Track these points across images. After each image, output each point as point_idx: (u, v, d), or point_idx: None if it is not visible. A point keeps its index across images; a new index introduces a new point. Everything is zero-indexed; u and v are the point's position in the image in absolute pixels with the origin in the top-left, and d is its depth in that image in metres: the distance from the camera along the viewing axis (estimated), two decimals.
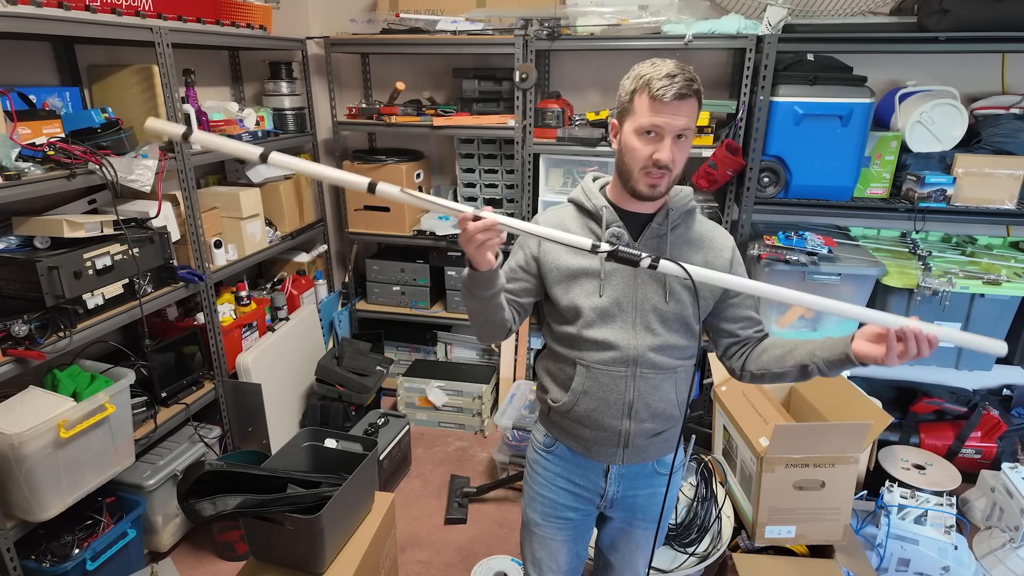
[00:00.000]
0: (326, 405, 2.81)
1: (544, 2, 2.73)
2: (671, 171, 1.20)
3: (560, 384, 1.37)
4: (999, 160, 2.42)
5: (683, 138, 1.19)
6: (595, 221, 1.29)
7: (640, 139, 1.19)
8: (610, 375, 1.29)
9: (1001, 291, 2.30)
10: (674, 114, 1.15)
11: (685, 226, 1.31)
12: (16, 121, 1.77)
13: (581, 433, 1.35)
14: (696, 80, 1.17)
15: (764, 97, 2.45)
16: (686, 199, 1.31)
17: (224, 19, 2.48)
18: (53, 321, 1.81)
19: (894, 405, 2.83)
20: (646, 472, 1.40)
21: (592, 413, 1.31)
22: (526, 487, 1.50)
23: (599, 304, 1.27)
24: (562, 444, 1.40)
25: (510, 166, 3.04)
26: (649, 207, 1.28)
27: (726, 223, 2.76)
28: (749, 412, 2.15)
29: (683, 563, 1.88)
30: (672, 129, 1.16)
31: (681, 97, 1.14)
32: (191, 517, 1.56)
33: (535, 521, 1.47)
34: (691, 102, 1.16)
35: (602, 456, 1.36)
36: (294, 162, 1.14)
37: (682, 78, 1.14)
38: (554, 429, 1.41)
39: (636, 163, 1.20)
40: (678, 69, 1.16)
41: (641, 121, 1.18)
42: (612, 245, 1.17)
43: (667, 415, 1.33)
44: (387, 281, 3.32)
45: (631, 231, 1.28)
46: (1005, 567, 2.10)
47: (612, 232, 1.27)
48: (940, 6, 2.23)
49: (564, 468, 1.41)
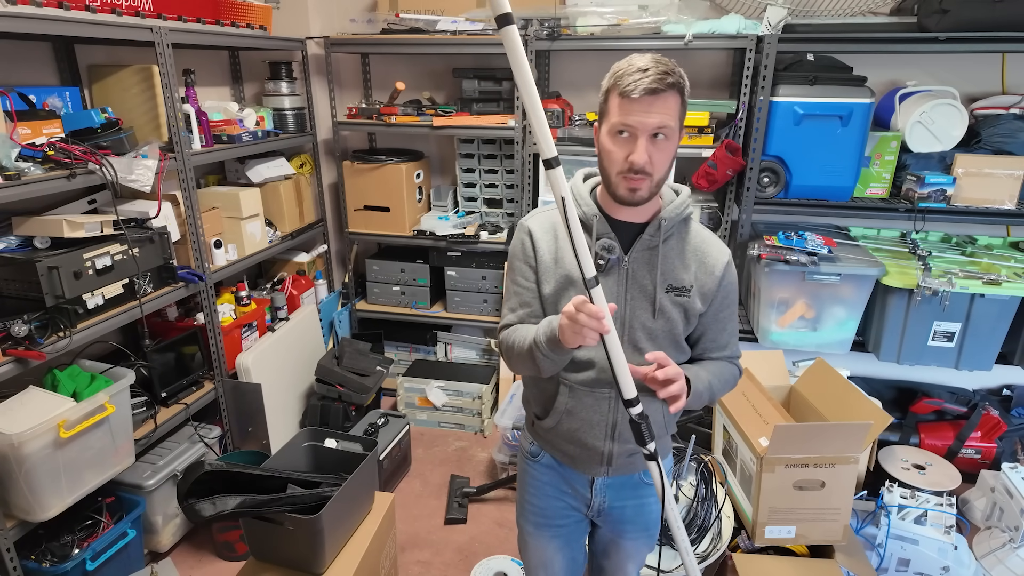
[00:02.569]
0: (326, 405, 2.81)
1: (544, 2, 2.73)
2: (650, 174, 1.11)
3: (543, 402, 1.33)
4: (999, 160, 2.42)
5: (662, 137, 1.09)
6: (585, 230, 1.19)
7: (614, 141, 1.11)
8: (594, 396, 1.25)
9: (1001, 291, 2.30)
10: (646, 111, 1.06)
11: (678, 237, 1.23)
12: (16, 121, 1.77)
13: (565, 448, 1.33)
14: (673, 73, 1.07)
15: (764, 97, 2.45)
16: (680, 207, 1.22)
17: (224, 19, 2.48)
18: (53, 321, 1.80)
19: (894, 405, 2.84)
20: (632, 483, 1.37)
21: (575, 433, 1.28)
22: (518, 496, 1.49)
23: None
24: (547, 454, 1.38)
25: (510, 166, 3.04)
26: (640, 216, 1.20)
27: (726, 223, 2.77)
28: (749, 412, 2.15)
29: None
30: (645, 128, 1.07)
31: (653, 92, 1.05)
32: (191, 517, 1.55)
33: (528, 531, 1.47)
34: (667, 97, 1.07)
35: (586, 470, 1.34)
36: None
37: (655, 72, 1.05)
38: (539, 440, 1.39)
39: (613, 167, 1.13)
40: (652, 63, 1.07)
41: (614, 121, 1.10)
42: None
43: (655, 436, 1.30)
44: (387, 281, 3.32)
45: (622, 242, 1.21)
46: (1005, 567, 2.10)
47: (603, 244, 1.19)
48: (940, 6, 2.23)
49: (551, 477, 1.39)
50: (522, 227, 1.29)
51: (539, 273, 1.25)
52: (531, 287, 1.27)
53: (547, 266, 1.25)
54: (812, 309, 2.55)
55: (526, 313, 1.28)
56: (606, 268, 1.20)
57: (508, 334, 1.26)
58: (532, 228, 1.27)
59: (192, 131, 2.34)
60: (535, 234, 1.26)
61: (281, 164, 2.92)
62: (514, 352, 1.22)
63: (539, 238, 1.26)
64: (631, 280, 1.22)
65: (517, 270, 1.29)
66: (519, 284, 1.28)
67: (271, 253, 2.85)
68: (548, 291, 1.25)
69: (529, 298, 1.27)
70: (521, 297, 1.28)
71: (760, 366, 2.36)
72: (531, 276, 1.27)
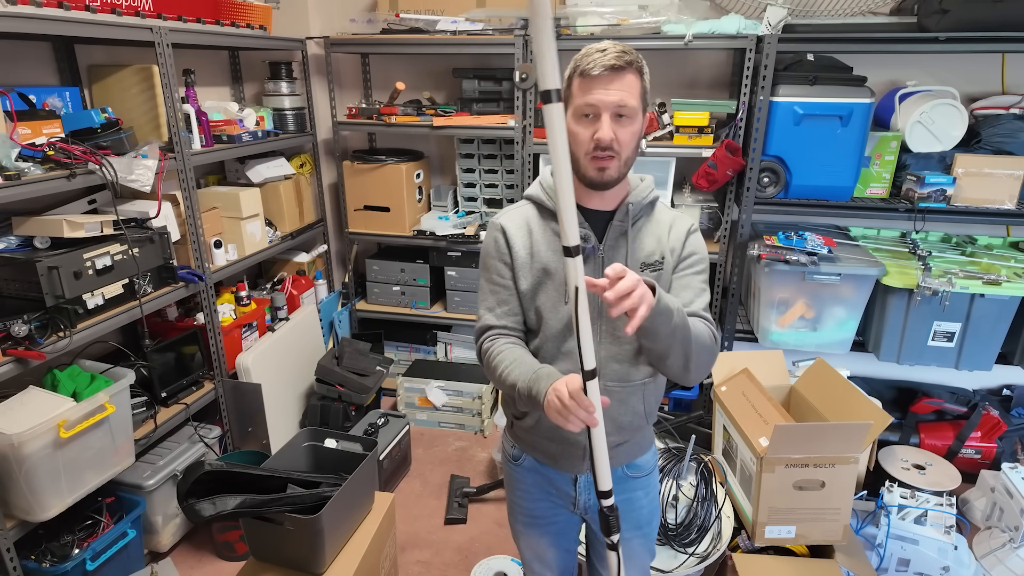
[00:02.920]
0: (326, 405, 2.81)
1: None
2: (617, 152, 1.13)
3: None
4: (999, 160, 2.42)
5: (625, 117, 1.12)
6: (557, 222, 1.16)
7: (580, 123, 1.13)
8: None
9: (1001, 291, 2.30)
10: (606, 88, 1.09)
11: (646, 218, 1.26)
12: (16, 121, 1.77)
13: (546, 447, 1.33)
14: (631, 52, 1.11)
15: (764, 97, 2.45)
16: (646, 190, 1.26)
17: (224, 19, 2.48)
18: (53, 321, 1.81)
19: (894, 405, 2.84)
20: (616, 478, 1.34)
21: (557, 429, 1.24)
22: (507, 497, 1.49)
23: (563, 312, 1.21)
24: (528, 456, 1.38)
25: (510, 166, 3.04)
26: (609, 203, 1.23)
27: (726, 223, 2.77)
28: (749, 412, 2.15)
29: (683, 563, 1.88)
30: (607, 105, 1.10)
31: (613, 69, 1.08)
32: (191, 517, 1.55)
33: (519, 530, 1.48)
34: (626, 76, 1.10)
35: (568, 467, 1.33)
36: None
37: (613, 51, 1.09)
38: (520, 442, 1.39)
39: (580, 148, 1.14)
40: (610, 44, 1.11)
41: (577, 103, 1.12)
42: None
43: (634, 427, 1.30)
44: (387, 281, 3.32)
45: (595, 230, 1.22)
46: (1005, 567, 2.10)
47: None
48: (940, 6, 2.23)
49: (535, 479, 1.39)
50: (494, 225, 1.28)
51: (515, 270, 1.25)
52: (508, 284, 1.27)
53: (523, 262, 1.25)
54: (812, 309, 2.55)
55: (504, 311, 1.27)
56: (582, 257, 1.21)
57: (491, 352, 1.25)
58: (505, 225, 1.27)
59: (192, 131, 2.34)
60: (508, 230, 1.26)
61: (281, 164, 2.92)
62: (494, 374, 1.23)
63: (513, 234, 1.25)
64: (607, 267, 1.22)
65: (492, 268, 1.28)
66: (495, 282, 1.28)
67: (271, 253, 2.85)
68: (526, 287, 1.25)
69: (506, 296, 1.27)
70: (498, 295, 1.27)
71: (760, 366, 2.36)
72: (507, 273, 1.26)
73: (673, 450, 2.25)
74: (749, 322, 2.85)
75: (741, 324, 2.86)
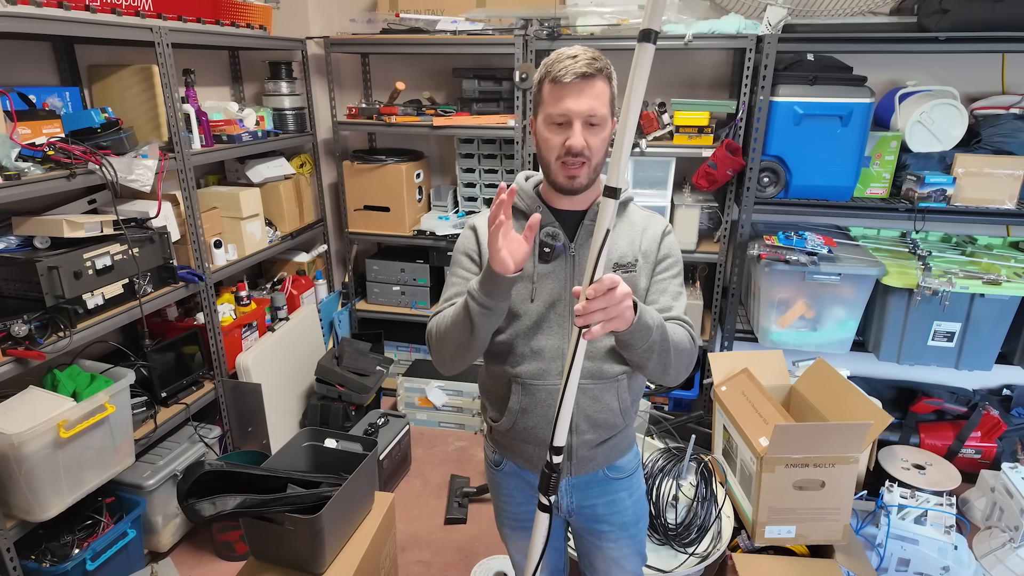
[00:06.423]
0: (326, 405, 2.81)
1: (544, 2, 2.73)
2: (588, 159, 1.14)
3: (497, 404, 1.33)
4: (999, 160, 2.42)
5: (596, 125, 1.13)
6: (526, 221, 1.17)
7: (550, 129, 1.14)
8: (547, 390, 1.24)
9: (1001, 291, 2.30)
10: (577, 97, 1.10)
11: (619, 219, 1.27)
12: (16, 121, 1.77)
13: (524, 450, 1.32)
14: (600, 59, 1.12)
15: (764, 97, 2.45)
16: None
17: (224, 19, 2.48)
18: (53, 321, 1.81)
19: (894, 405, 2.84)
20: (598, 480, 1.35)
21: (532, 431, 1.27)
22: (492, 501, 1.49)
23: (532, 309, 1.23)
24: (509, 461, 1.38)
25: (510, 166, 3.04)
26: (582, 204, 1.24)
27: (726, 223, 2.77)
28: (749, 412, 2.14)
29: (683, 563, 1.88)
30: (578, 114, 1.11)
31: (584, 77, 1.09)
32: (191, 517, 1.56)
33: (507, 533, 1.49)
34: (596, 83, 1.11)
35: None
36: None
37: (584, 58, 1.10)
38: (499, 447, 1.39)
39: (551, 154, 1.15)
40: (581, 50, 1.11)
41: (549, 110, 1.14)
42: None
43: (610, 424, 1.29)
44: (387, 281, 3.32)
45: (566, 230, 1.23)
46: (1005, 567, 2.10)
47: (547, 232, 1.22)
48: (940, 6, 2.23)
49: (517, 483, 1.39)
50: (467, 225, 1.32)
51: (481, 266, 1.26)
52: (471, 279, 1.28)
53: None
54: (812, 309, 2.55)
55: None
56: (552, 255, 1.23)
57: (436, 317, 1.26)
58: (477, 224, 1.30)
59: (192, 131, 2.34)
60: (479, 229, 1.29)
61: (281, 164, 2.92)
62: (446, 324, 1.21)
63: (483, 232, 1.27)
64: (579, 266, 1.23)
65: (458, 263, 1.30)
66: (459, 275, 1.29)
67: (271, 253, 2.85)
68: None
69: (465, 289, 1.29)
70: (458, 288, 1.27)
71: (760, 366, 2.36)
72: (473, 268, 1.29)
73: (673, 450, 2.25)
74: (749, 322, 2.85)
75: (741, 324, 2.86)
